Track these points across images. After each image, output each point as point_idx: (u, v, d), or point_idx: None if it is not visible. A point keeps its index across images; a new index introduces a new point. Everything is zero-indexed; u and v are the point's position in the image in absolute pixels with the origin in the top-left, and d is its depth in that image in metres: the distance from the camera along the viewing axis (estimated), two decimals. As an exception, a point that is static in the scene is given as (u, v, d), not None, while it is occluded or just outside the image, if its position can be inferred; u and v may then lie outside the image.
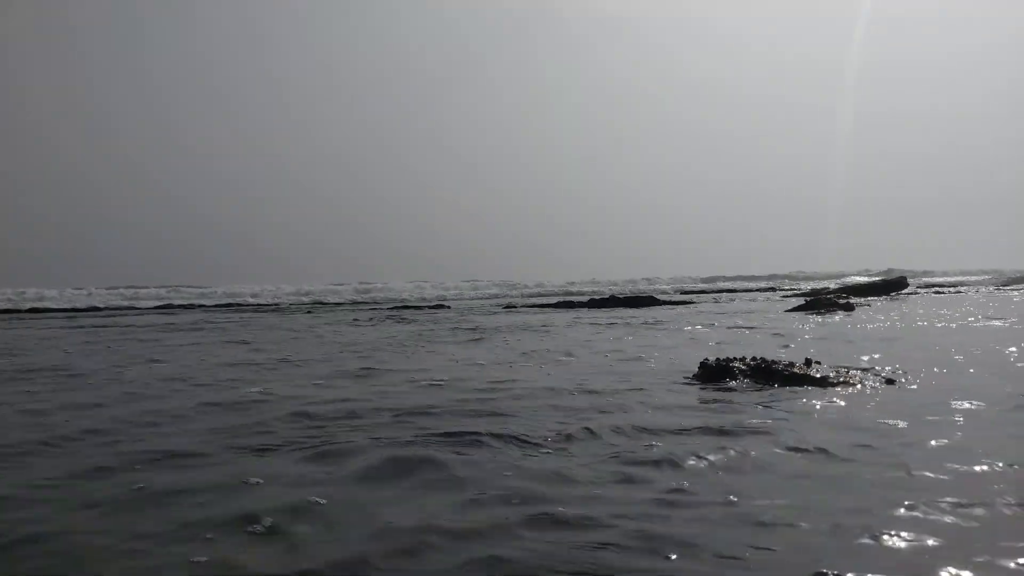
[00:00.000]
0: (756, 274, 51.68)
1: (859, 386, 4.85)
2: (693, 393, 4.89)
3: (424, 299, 29.22)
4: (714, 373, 5.34)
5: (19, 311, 24.28)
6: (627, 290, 33.45)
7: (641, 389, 5.04)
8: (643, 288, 38.06)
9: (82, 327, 14.60)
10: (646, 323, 12.08)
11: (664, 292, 32.60)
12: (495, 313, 17.45)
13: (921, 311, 13.84)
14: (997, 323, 10.38)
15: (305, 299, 31.28)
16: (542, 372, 6.10)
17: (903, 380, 5.07)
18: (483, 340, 9.43)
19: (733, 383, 5.11)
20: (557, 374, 5.94)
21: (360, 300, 30.89)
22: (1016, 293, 23.19)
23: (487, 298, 32.10)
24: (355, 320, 15.21)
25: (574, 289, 38.02)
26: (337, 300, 30.88)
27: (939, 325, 10.33)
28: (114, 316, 20.39)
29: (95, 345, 9.94)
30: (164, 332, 12.47)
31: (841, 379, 5.02)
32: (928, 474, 2.80)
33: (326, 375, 6.10)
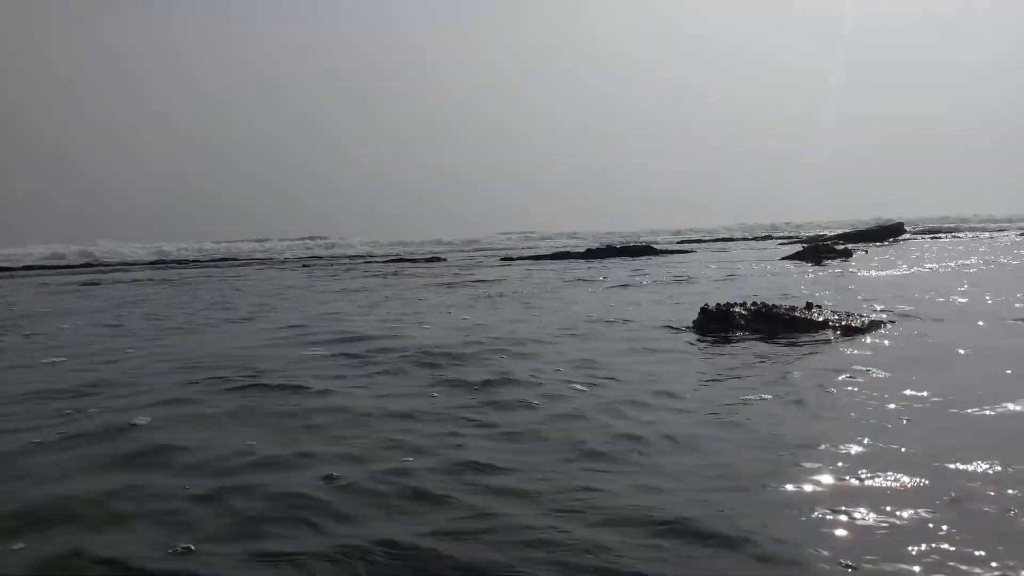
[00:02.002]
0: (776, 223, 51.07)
1: (863, 329, 4.79)
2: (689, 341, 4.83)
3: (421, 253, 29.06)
4: (714, 319, 5.28)
5: (13, 268, 24.09)
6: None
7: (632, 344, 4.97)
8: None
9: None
10: (640, 271, 12.00)
11: (659, 243, 32.48)
12: (487, 266, 17.35)
13: (914, 256, 13.79)
14: (981, 265, 10.34)
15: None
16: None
17: (901, 322, 5.02)
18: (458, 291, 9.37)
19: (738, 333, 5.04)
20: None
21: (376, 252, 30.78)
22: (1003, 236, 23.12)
23: (477, 250, 31.96)
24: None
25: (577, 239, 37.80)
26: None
27: (929, 268, 10.28)
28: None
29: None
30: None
31: (843, 322, 4.96)
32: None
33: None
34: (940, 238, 25.56)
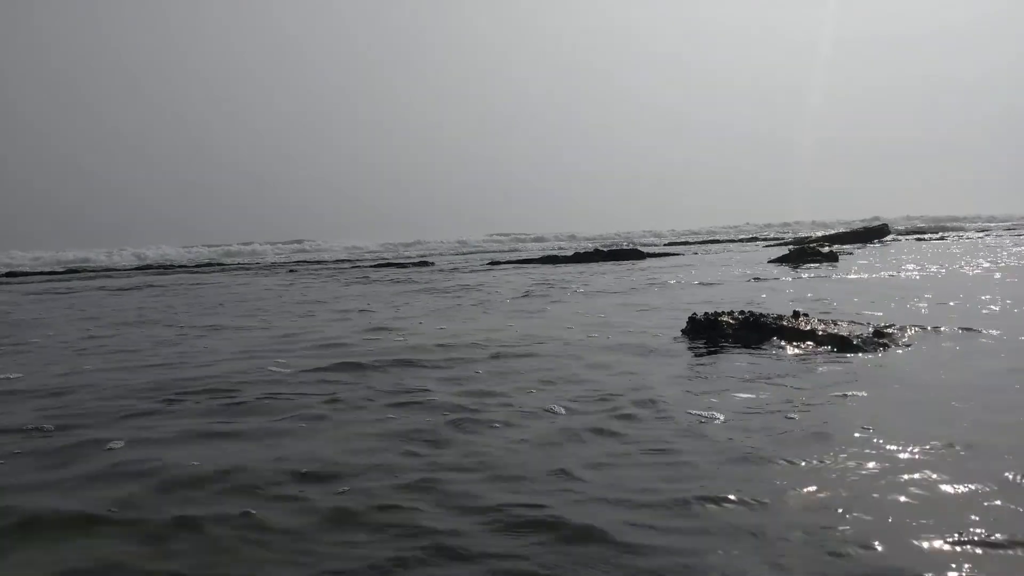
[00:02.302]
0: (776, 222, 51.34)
1: (847, 339, 4.82)
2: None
3: (408, 256, 29.04)
4: (702, 328, 5.30)
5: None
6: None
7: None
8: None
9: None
10: (625, 276, 12.03)
11: (653, 241, 32.71)
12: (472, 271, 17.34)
13: (897, 259, 13.91)
14: (968, 270, 10.45)
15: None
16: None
17: (891, 331, 5.06)
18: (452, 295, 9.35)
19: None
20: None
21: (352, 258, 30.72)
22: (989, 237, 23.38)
23: (472, 252, 31.96)
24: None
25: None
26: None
27: (911, 272, 10.37)
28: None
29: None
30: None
31: (828, 331, 4.99)
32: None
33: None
34: (924, 239, 25.78)
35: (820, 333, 4.94)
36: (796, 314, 5.39)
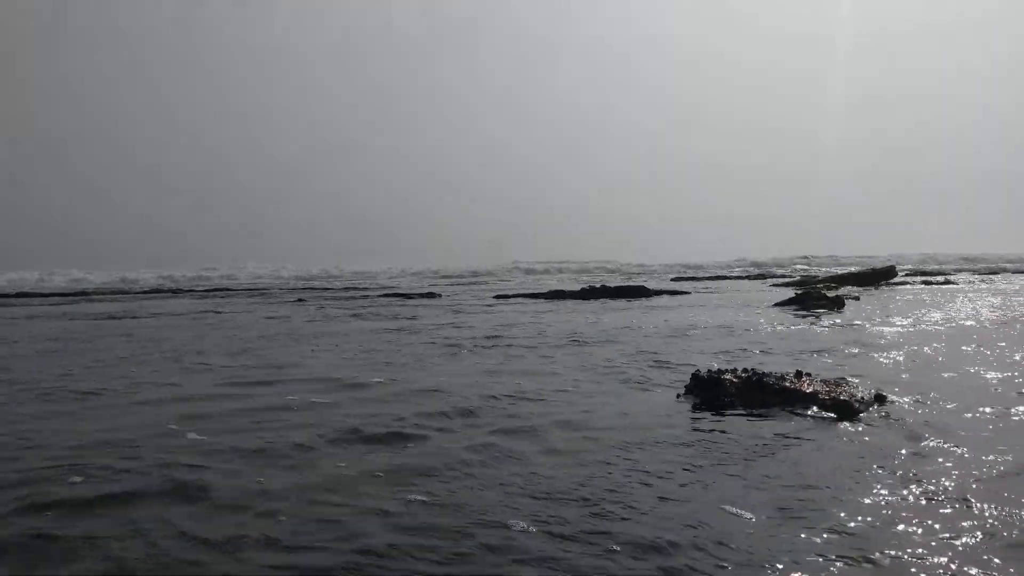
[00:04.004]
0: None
1: (850, 404, 4.90)
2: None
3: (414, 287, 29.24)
4: (705, 386, 5.39)
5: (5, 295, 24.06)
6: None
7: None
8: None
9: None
10: (631, 315, 12.12)
11: (657, 275, 32.89)
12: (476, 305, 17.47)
13: (903, 307, 13.96)
14: (970, 322, 10.51)
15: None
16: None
17: (892, 395, 5.14)
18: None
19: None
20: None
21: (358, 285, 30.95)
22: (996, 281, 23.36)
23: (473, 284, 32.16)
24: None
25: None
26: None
27: (922, 324, 10.43)
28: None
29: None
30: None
31: (831, 394, 5.07)
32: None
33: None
34: (931, 283, 25.73)
35: (821, 396, 5.02)
36: (799, 374, 5.47)
